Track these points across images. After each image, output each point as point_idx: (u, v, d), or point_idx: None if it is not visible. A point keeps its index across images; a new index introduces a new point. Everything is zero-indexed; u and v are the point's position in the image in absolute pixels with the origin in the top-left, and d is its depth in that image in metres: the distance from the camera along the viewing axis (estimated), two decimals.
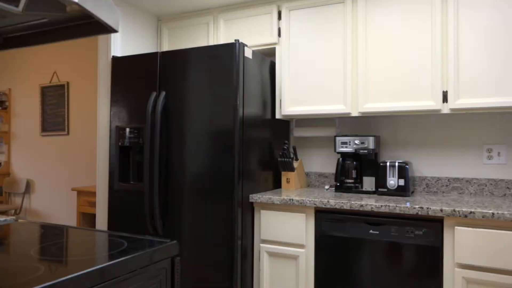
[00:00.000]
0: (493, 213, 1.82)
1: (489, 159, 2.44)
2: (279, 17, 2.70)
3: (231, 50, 2.30)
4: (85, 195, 4.03)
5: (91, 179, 4.57)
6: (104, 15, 1.00)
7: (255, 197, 2.37)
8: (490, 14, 2.15)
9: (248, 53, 2.39)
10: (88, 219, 4.15)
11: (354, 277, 2.13)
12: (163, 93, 2.46)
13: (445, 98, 2.24)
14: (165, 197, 2.46)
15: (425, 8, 2.29)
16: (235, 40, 2.30)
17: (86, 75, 4.66)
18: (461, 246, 1.88)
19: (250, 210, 2.41)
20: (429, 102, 2.27)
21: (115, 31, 1.09)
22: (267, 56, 2.92)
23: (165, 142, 2.47)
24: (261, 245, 2.38)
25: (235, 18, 2.85)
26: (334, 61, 2.52)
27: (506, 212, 1.80)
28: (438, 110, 2.26)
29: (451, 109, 2.23)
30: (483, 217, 1.84)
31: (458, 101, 2.21)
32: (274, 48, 2.75)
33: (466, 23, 2.20)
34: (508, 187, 2.38)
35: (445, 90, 2.24)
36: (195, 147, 2.38)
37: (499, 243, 1.81)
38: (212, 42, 2.93)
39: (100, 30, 1.15)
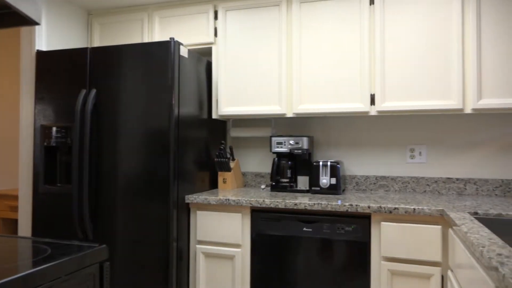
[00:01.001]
0: (414, 209, 1.96)
1: (412, 158, 2.62)
2: (216, 17, 2.70)
3: (166, 48, 2.25)
4: (6, 199, 3.73)
5: (12, 182, 4.24)
6: (24, 6, 0.93)
7: (191, 198, 2.34)
8: (413, 25, 2.31)
9: (184, 52, 2.36)
10: (9, 225, 3.84)
11: (289, 273, 2.18)
12: (93, 91, 2.35)
13: (372, 101, 2.37)
14: (96, 200, 2.35)
15: (355, 16, 2.40)
16: (170, 39, 2.25)
17: (7, 70, 4.32)
18: (387, 240, 2.00)
19: (186, 211, 2.38)
20: (359, 105, 2.39)
21: (36, 23, 1.02)
22: (204, 56, 2.89)
23: (95, 142, 2.36)
24: (197, 246, 2.36)
25: (171, 16, 2.80)
26: (270, 63, 2.57)
27: (425, 208, 1.95)
28: (367, 112, 2.38)
29: (378, 111, 2.36)
30: (405, 212, 1.97)
31: (384, 104, 2.34)
32: (211, 48, 2.74)
33: (392, 31, 2.34)
34: (428, 184, 2.58)
35: (372, 93, 2.37)
36: (129, 147, 2.30)
37: (420, 236, 1.95)
38: (147, 39, 2.85)
39: (20, 21, 1.07)
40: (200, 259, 2.34)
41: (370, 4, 2.38)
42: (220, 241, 2.31)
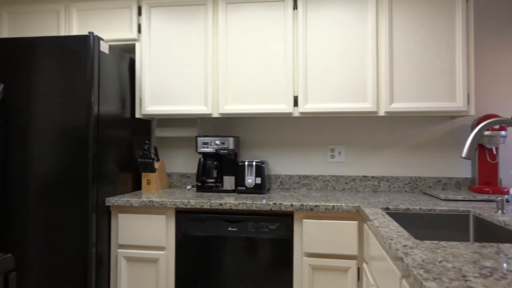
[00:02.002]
0: (333, 206, 2.06)
1: (332, 158, 2.76)
2: (139, 13, 2.61)
3: (85, 43, 2.13)
4: None
5: None
6: None
7: (112, 200, 2.24)
8: (334, 32, 2.43)
9: (104, 47, 2.25)
10: None
11: (216, 274, 2.18)
12: (1, 86, 2.15)
13: (296, 103, 2.45)
14: (5, 203, 2.15)
15: (279, 21, 2.47)
16: (89, 33, 2.14)
17: None
18: (308, 237, 2.08)
19: (106, 214, 2.27)
20: (283, 106, 2.46)
21: None
22: (127, 53, 2.79)
23: (3, 141, 2.16)
24: (119, 250, 2.26)
25: (90, 9, 2.65)
26: (196, 62, 2.55)
27: (343, 204, 2.06)
28: (290, 113, 2.46)
29: (301, 113, 2.45)
30: (325, 209, 2.07)
31: (306, 106, 2.44)
32: (134, 45, 2.64)
33: (314, 36, 2.44)
34: (346, 182, 2.73)
35: (296, 95, 2.45)
36: (42, 146, 2.14)
37: (338, 232, 2.05)
38: (64, 33, 2.67)
39: None
40: (121, 264, 2.25)
41: (294, 9, 2.46)
42: (144, 245, 2.24)
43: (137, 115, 2.62)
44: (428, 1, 2.36)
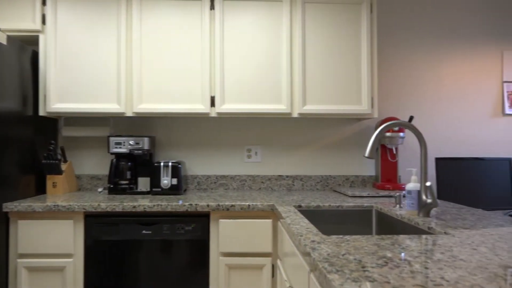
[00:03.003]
0: (249, 205, 2.09)
1: (249, 158, 2.81)
2: (44, 3, 2.42)
3: None
4: None
5: None
6: None
7: (10, 206, 2.04)
8: (250, 34, 2.47)
9: (1, 37, 2.04)
10: None
11: (129, 279, 2.09)
12: None
13: (213, 103, 2.45)
14: None
15: (196, 20, 2.45)
16: None
17: None
18: (224, 236, 2.09)
19: (4, 221, 2.07)
20: (200, 106, 2.44)
21: None
22: (29, 45, 2.56)
23: None
24: (19, 260, 2.07)
25: None
26: (109, 58, 2.42)
27: (259, 203, 2.10)
28: (207, 113, 2.45)
29: (218, 113, 2.45)
30: (241, 209, 2.09)
31: (223, 106, 2.45)
32: (38, 36, 2.44)
33: (231, 37, 2.46)
34: (262, 182, 2.79)
35: (212, 95, 2.45)
36: None
37: (254, 231, 2.10)
38: None
39: None
40: (22, 275, 2.06)
41: (211, 9, 2.46)
42: (48, 253, 2.07)
43: (41, 113, 2.42)
44: (337, 10, 2.51)
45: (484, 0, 2.94)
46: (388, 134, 2.57)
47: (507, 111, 2.92)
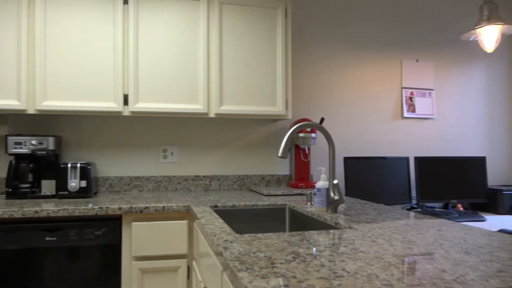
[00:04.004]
0: (163, 206, 2.05)
1: (165, 158, 2.74)
2: None
3: None
4: None
5: None
6: None
7: None
8: (167, 32, 2.41)
9: None
10: None
11: None
12: None
13: (126, 101, 2.35)
14: None
15: (108, 13, 2.33)
16: None
17: None
18: (138, 240, 2.02)
19: None
20: (111, 104, 2.33)
21: None
22: None
23: None
24: None
25: None
26: (7, 51, 2.21)
27: (174, 205, 2.06)
28: (120, 112, 2.35)
29: (131, 112, 2.36)
30: (155, 210, 2.04)
31: (138, 105, 2.36)
32: None
33: (146, 34, 2.38)
34: (179, 182, 2.75)
35: (126, 93, 2.36)
36: None
37: (169, 232, 2.05)
38: None
39: None
40: None
41: (124, 3, 2.36)
42: None
43: None
44: (254, 13, 2.56)
45: (385, 14, 3.20)
46: (301, 134, 2.68)
47: (405, 114, 3.21)
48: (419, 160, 3.03)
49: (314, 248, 1.12)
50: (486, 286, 0.81)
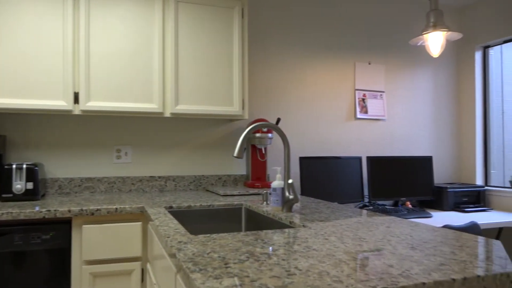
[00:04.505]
0: (116, 208, 1.99)
1: (118, 158, 2.66)
2: None
3: None
4: None
5: None
6: None
7: None
8: (121, 30, 2.35)
9: None
10: None
11: None
12: None
13: (76, 99, 2.27)
14: None
15: (58, 9, 2.23)
16: None
17: None
18: (88, 243, 1.95)
19: None
20: (61, 102, 2.24)
21: None
22: None
23: None
24: None
25: None
26: None
27: (127, 206, 2.01)
28: (70, 111, 2.26)
29: (82, 111, 2.28)
30: (108, 213, 1.98)
31: (89, 103, 2.28)
32: None
33: (98, 31, 2.30)
34: (133, 183, 2.68)
35: (76, 91, 2.27)
36: None
37: (122, 235, 2.00)
38: None
39: None
40: None
41: None
42: None
43: None
44: (211, 12, 2.55)
45: (340, 18, 3.29)
46: (257, 135, 2.70)
47: (358, 115, 3.32)
48: (371, 160, 3.14)
49: (268, 247, 1.13)
50: (428, 279, 0.85)
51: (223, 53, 2.57)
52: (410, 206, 3.19)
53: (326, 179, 2.98)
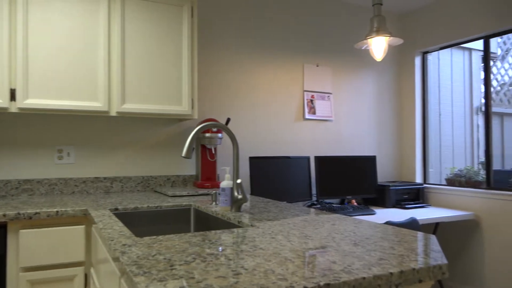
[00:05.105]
0: (57, 211, 1.89)
1: (60, 159, 2.54)
2: None
3: None
4: None
5: None
6: None
7: None
8: (63, 25, 2.23)
9: None
10: None
11: None
12: None
13: (13, 96, 2.13)
14: None
15: None
16: None
17: None
18: (26, 249, 1.84)
19: None
20: None
21: None
22: None
23: None
24: None
25: None
26: None
27: (69, 209, 1.92)
28: (5, 109, 2.12)
29: (20, 108, 2.15)
30: (48, 216, 1.88)
31: (27, 101, 2.16)
32: None
33: (38, 25, 2.18)
34: (76, 185, 2.56)
35: (13, 88, 2.13)
36: None
37: (64, 239, 1.90)
38: None
39: None
40: None
41: None
42: None
43: None
44: (160, 9, 2.50)
45: (289, 20, 3.34)
46: (207, 134, 2.68)
47: (307, 116, 3.39)
48: (318, 159, 3.22)
49: (215, 248, 1.12)
50: (368, 273, 0.89)
51: (172, 52, 2.53)
52: (355, 204, 3.31)
53: (275, 179, 3.02)
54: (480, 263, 3.21)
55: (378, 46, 2.67)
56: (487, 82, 3.28)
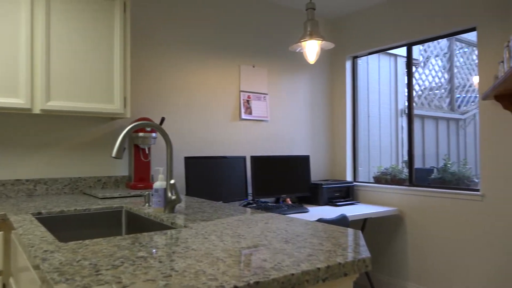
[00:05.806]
0: None
1: None
2: None
3: None
4: None
5: None
6: None
7: None
8: None
9: None
10: None
11: None
12: None
13: None
14: None
15: None
16: None
17: None
18: None
19: None
20: None
21: None
22: None
23: None
24: None
25: None
26: None
27: None
28: None
29: None
30: None
31: None
32: None
33: None
34: None
35: None
36: None
37: None
38: None
39: None
40: None
41: None
42: None
43: None
44: (89, 2, 2.37)
45: (225, 20, 3.35)
46: (140, 134, 2.60)
47: (243, 116, 3.42)
48: (254, 159, 3.26)
49: (145, 250, 1.09)
50: (297, 270, 0.92)
51: (104, 47, 2.42)
52: (290, 202, 3.39)
53: (211, 179, 3.00)
54: (404, 254, 3.44)
55: (311, 49, 2.76)
56: (409, 86, 3.52)
